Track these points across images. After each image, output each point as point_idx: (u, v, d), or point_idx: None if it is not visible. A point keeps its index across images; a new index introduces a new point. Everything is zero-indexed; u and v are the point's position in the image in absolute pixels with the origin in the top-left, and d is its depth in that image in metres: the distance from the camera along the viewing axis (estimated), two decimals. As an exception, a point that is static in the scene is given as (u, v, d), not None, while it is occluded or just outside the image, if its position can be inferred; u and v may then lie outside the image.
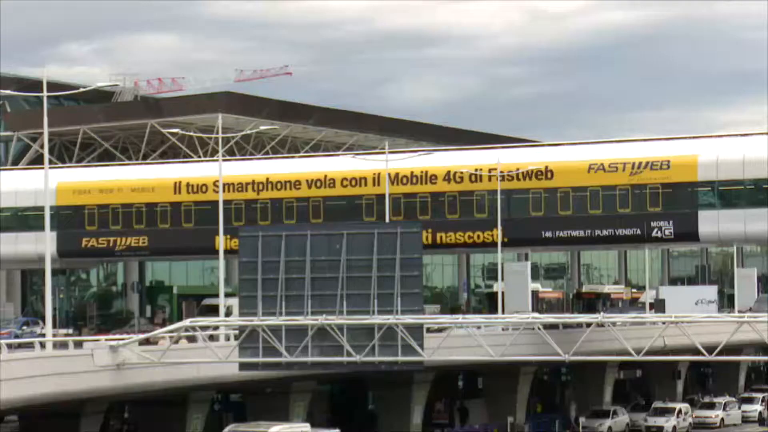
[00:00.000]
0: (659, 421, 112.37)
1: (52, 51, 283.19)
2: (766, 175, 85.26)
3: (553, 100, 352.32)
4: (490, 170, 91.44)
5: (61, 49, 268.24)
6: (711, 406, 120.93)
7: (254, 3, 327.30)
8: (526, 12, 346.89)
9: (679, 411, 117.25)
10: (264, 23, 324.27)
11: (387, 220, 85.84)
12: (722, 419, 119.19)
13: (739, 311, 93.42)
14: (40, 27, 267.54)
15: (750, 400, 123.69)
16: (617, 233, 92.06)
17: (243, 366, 71.32)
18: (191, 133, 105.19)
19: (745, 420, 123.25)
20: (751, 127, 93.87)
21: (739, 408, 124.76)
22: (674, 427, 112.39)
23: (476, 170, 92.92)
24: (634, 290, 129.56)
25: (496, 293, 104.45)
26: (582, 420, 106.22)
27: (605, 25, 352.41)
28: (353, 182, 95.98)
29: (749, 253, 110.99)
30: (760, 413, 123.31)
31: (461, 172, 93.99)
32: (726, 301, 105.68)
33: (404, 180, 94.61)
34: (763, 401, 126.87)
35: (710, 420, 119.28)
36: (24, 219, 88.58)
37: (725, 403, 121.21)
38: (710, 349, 70.72)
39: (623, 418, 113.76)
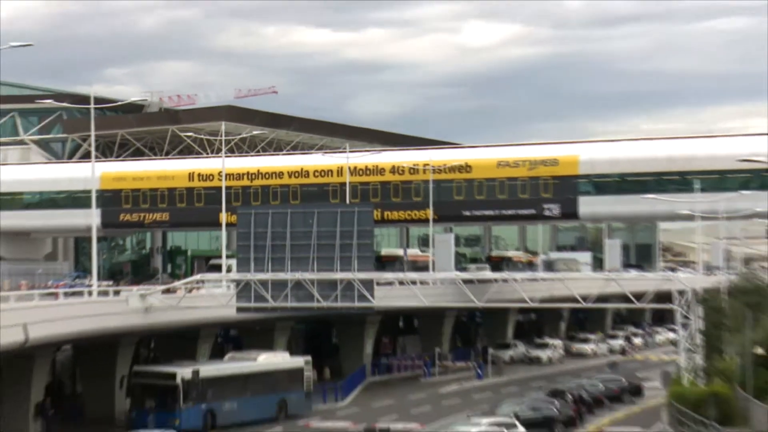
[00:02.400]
0: (537, 352, 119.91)
1: (98, 74, 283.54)
2: (628, 170, 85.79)
3: (473, 113, 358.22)
4: (424, 165, 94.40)
5: (105, 72, 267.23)
6: (586, 340, 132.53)
7: (248, 38, 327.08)
8: (454, 47, 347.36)
9: (554, 345, 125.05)
10: (256, 54, 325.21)
11: (347, 202, 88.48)
12: (594, 350, 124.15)
13: (608, 271, 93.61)
14: (89, 55, 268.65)
15: (614, 337, 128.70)
16: (518, 213, 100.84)
17: (239, 309, 76.31)
18: (201, 136, 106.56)
19: (610, 351, 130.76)
20: (619, 136, 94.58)
21: (606, 342, 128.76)
22: (549, 357, 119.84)
23: (414, 165, 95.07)
24: (530, 255, 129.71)
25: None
26: (490, 350, 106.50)
27: (513, 57, 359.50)
28: (323, 173, 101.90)
29: (615, 228, 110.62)
30: (621, 345, 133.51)
31: (403, 167, 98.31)
32: (598, 264, 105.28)
33: (360, 172, 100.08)
34: (623, 337, 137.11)
35: (585, 351, 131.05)
36: (77, 199, 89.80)
37: (596, 339, 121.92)
38: (585, 299, 77.33)
39: (521, 349, 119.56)
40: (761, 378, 58.15)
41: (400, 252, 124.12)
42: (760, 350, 59.49)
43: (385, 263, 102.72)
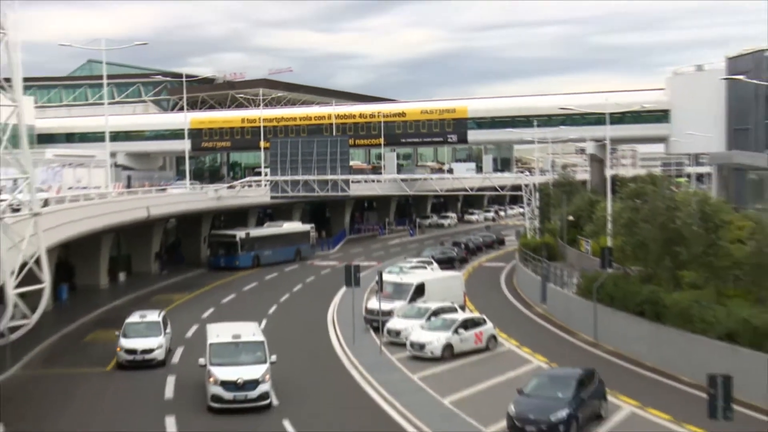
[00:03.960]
0: (443, 220, 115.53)
1: (187, 60, 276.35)
2: (496, 115, 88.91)
3: (407, 83, 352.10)
4: (378, 113, 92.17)
5: (191, 59, 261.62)
6: (472, 213, 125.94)
7: (273, 39, 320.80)
8: (396, 44, 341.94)
9: (452, 216, 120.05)
10: (277, 48, 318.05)
11: (333, 134, 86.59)
12: (476, 219, 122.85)
13: (485, 173, 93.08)
14: (182, 49, 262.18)
15: (488, 211, 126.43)
16: (433, 140, 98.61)
17: (272, 197, 77.05)
18: (248, 97, 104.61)
19: (486, 219, 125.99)
20: (490, 95, 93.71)
21: (483, 214, 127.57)
22: (449, 223, 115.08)
23: (372, 113, 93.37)
24: (439, 164, 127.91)
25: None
26: (417, 219, 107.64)
27: (429, 50, 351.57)
28: (319, 118, 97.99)
29: (488, 148, 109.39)
30: (492, 216, 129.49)
31: (365, 113, 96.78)
32: (479, 169, 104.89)
33: (341, 117, 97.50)
34: (493, 211, 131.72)
35: (471, 219, 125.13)
36: (177, 134, 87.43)
37: (478, 212, 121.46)
38: (471, 189, 72.56)
39: (434, 219, 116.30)
40: (571, 234, 58.90)
41: (364, 165, 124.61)
42: (570, 218, 60.06)
43: (355, 170, 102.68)
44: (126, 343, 35.24)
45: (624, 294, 38.15)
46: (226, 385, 27.88)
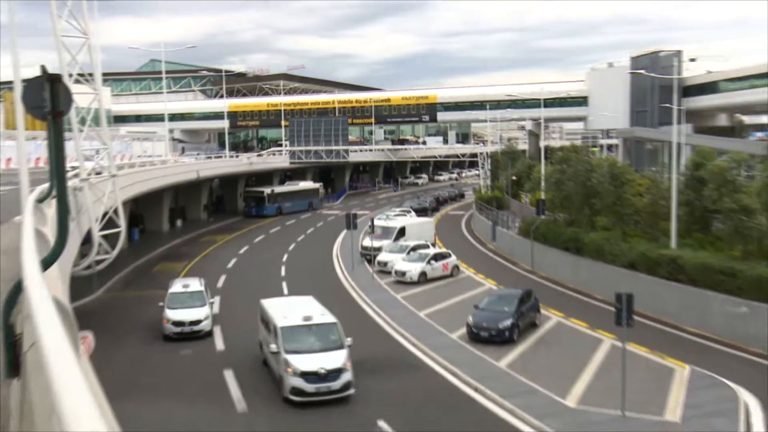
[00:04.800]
0: (418, 180, 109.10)
1: (224, 59, 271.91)
2: (459, 101, 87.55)
3: (391, 76, 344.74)
4: (370, 99, 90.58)
5: (227, 59, 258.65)
6: (440, 174, 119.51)
7: (289, 43, 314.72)
8: (383, 47, 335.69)
9: (425, 177, 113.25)
10: (293, 50, 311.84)
11: (336, 115, 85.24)
12: (443, 179, 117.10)
13: (450, 144, 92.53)
14: (220, 51, 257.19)
15: (452, 173, 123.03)
16: (411, 119, 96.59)
17: (291, 162, 77.77)
18: (272, 87, 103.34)
19: (450, 179, 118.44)
20: (454, 86, 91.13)
21: (449, 175, 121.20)
22: (423, 182, 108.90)
23: (365, 99, 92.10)
24: (416, 137, 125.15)
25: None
26: (399, 179, 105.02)
27: (407, 51, 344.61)
28: (325, 103, 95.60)
29: (453, 126, 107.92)
30: (455, 177, 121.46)
31: (360, 99, 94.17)
32: (445, 141, 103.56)
33: (342, 102, 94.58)
34: (456, 173, 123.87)
35: (440, 179, 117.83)
36: (218, 115, 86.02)
37: (444, 174, 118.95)
38: (439, 156, 67.68)
39: (411, 179, 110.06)
40: (514, 189, 58.81)
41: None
42: (513, 178, 59.92)
43: (351, 143, 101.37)
44: (172, 314, 27.05)
45: (553, 234, 38.53)
46: (308, 376, 19.68)
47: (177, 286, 29.19)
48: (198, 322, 26.93)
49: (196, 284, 29.58)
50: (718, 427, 18.18)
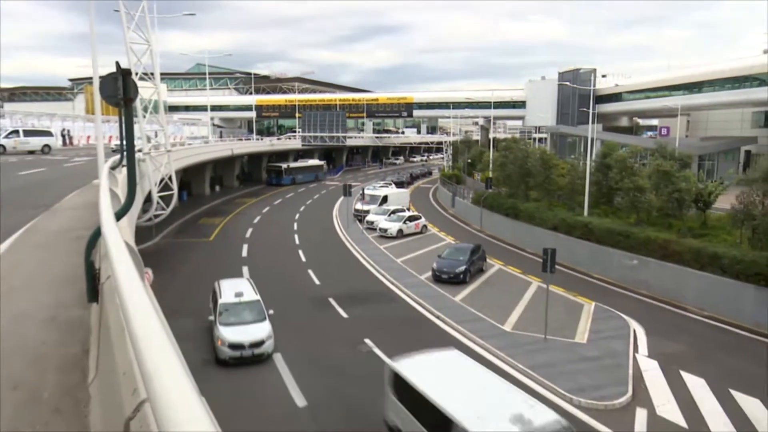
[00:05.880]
0: (396, 161, 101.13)
1: (253, 65, 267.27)
2: (431, 102, 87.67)
3: (378, 81, 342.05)
4: (363, 98, 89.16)
5: (256, 65, 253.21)
6: (414, 157, 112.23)
7: (302, 54, 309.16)
8: (373, 59, 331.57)
9: (401, 158, 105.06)
10: (306, 59, 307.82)
11: (337, 110, 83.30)
12: (414, 161, 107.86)
13: (422, 134, 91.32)
14: (250, 58, 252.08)
15: (423, 156, 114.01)
16: (393, 114, 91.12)
17: (302, 144, 74.86)
18: (289, 87, 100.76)
19: (422, 161, 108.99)
20: (427, 90, 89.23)
21: (417, 158, 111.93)
22: (400, 162, 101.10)
23: (359, 98, 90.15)
24: (397, 128, 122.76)
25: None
26: (384, 159, 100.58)
27: (390, 63, 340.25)
28: (330, 100, 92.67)
29: (425, 120, 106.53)
30: (425, 159, 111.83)
31: (356, 99, 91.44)
32: (418, 132, 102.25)
33: (342, 100, 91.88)
34: (426, 156, 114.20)
35: (413, 160, 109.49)
36: (248, 107, 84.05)
37: (417, 157, 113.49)
38: (413, 143, 65.79)
39: (390, 160, 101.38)
40: (469, 169, 58.60)
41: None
42: (469, 160, 59.71)
43: (348, 131, 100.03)
44: (228, 334, 16.31)
45: (497, 203, 38.28)
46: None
47: (228, 294, 18.16)
48: (260, 343, 16.41)
49: (248, 289, 18.58)
50: (614, 347, 18.37)
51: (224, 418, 12.58)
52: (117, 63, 4.81)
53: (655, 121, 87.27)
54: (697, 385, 15.84)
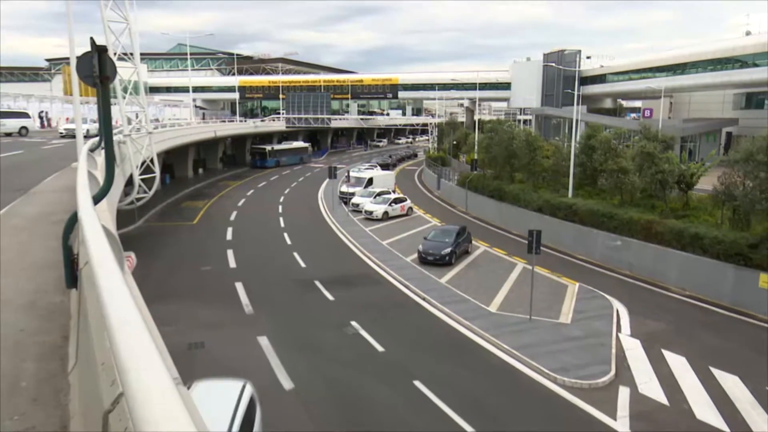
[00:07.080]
0: (380, 143, 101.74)
1: (236, 46, 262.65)
2: (416, 83, 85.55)
3: (364, 63, 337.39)
4: (347, 79, 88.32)
5: (239, 45, 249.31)
6: (399, 139, 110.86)
7: (287, 35, 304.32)
8: (357, 40, 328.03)
9: (385, 140, 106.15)
10: (290, 40, 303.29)
11: (322, 91, 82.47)
12: (399, 143, 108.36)
13: (407, 116, 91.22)
14: (232, 39, 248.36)
15: (408, 137, 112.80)
16: (378, 96, 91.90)
17: (287, 126, 74.33)
18: (272, 68, 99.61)
19: (407, 142, 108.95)
20: (411, 71, 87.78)
21: (402, 140, 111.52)
22: (385, 145, 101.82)
23: (345, 80, 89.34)
24: (382, 110, 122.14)
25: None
26: (369, 141, 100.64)
27: (375, 45, 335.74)
28: (314, 81, 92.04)
29: (410, 102, 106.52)
30: (410, 141, 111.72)
31: (341, 80, 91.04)
32: (404, 114, 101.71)
33: (326, 81, 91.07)
34: (411, 138, 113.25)
35: (399, 143, 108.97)
36: (231, 89, 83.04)
37: (402, 139, 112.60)
38: (398, 125, 65.81)
39: (375, 142, 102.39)
40: (454, 151, 58.56)
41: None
42: (454, 142, 59.67)
43: (333, 113, 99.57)
44: None
45: (482, 185, 38.38)
46: None
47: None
48: None
49: (237, 392, 10.20)
50: (598, 327, 18.57)
51: (210, 402, 12.97)
52: (92, 39, 4.61)
53: (638, 103, 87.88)
54: (678, 363, 16.11)
